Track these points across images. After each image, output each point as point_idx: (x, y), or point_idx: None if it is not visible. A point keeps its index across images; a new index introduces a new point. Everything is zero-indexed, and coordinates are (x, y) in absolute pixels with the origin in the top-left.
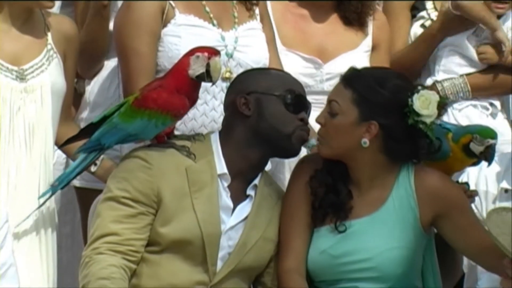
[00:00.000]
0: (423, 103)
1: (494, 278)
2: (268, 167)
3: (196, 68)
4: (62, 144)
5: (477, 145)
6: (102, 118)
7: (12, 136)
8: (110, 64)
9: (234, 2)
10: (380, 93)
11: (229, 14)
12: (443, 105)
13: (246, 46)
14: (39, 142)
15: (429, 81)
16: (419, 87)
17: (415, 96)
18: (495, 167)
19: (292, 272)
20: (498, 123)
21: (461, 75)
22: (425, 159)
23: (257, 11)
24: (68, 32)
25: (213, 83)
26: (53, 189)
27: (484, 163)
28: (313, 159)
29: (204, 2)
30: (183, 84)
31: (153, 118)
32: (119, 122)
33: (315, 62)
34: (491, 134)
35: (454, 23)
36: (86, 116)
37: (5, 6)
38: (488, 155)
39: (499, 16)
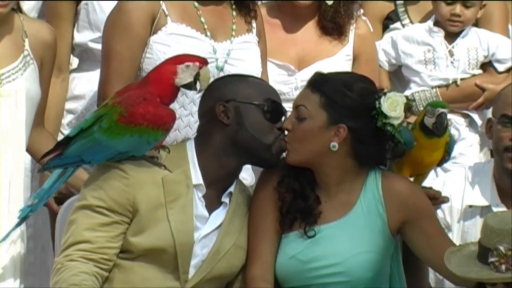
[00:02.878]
0: (391, 105)
1: None
2: (250, 180)
3: (183, 77)
4: (40, 158)
5: (430, 118)
6: (79, 130)
7: None
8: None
9: (234, 14)
10: (348, 96)
11: (227, 26)
12: (409, 107)
13: (239, 60)
14: (12, 147)
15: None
16: (386, 90)
17: (383, 99)
18: (459, 183)
19: (258, 279)
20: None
21: (433, 87)
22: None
23: (254, 24)
24: (46, 39)
25: (199, 92)
26: (32, 207)
27: (448, 176)
28: (279, 164)
29: (199, 12)
30: (167, 93)
31: (144, 135)
32: (105, 139)
33: (289, 69)
34: (441, 104)
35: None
36: (73, 107)
37: None
38: (439, 125)
39: (456, 34)
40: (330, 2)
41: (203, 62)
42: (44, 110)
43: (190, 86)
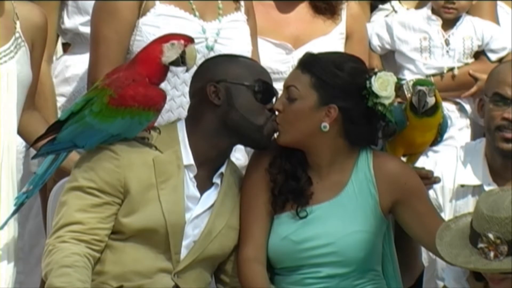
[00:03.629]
0: (381, 85)
1: (459, 275)
2: (243, 161)
3: (170, 55)
4: (33, 143)
5: (414, 96)
6: (70, 114)
7: None
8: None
9: None
10: (339, 76)
11: (214, 5)
12: (399, 87)
13: (228, 39)
14: (3, 129)
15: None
16: (376, 70)
17: (373, 78)
18: (451, 163)
19: (251, 260)
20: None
21: (427, 76)
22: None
23: (242, 2)
24: (37, 21)
25: (188, 70)
26: (28, 193)
27: (440, 156)
28: (271, 146)
29: None
30: (155, 72)
31: (136, 116)
32: (97, 122)
33: (286, 47)
34: (426, 82)
35: None
36: (65, 91)
37: None
38: (417, 102)
39: (451, 20)
40: None
41: (188, 40)
42: (34, 93)
43: (178, 64)
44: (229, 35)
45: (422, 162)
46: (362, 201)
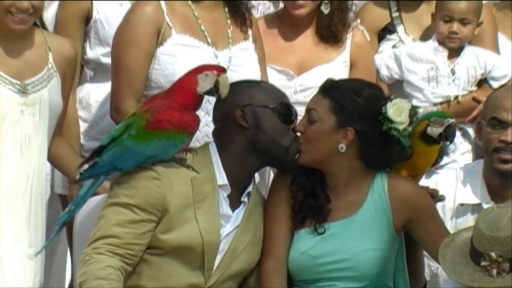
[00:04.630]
0: (396, 111)
1: None
2: (257, 179)
3: (204, 85)
4: (78, 167)
5: (436, 128)
6: (111, 139)
7: (9, 146)
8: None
9: (229, 22)
10: (356, 101)
11: (224, 34)
12: (414, 114)
13: (239, 66)
14: (34, 153)
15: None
16: (392, 96)
17: (389, 104)
18: (451, 183)
19: (272, 271)
20: (463, 145)
21: (435, 104)
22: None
23: (250, 32)
24: (68, 54)
25: (220, 97)
26: (69, 213)
27: (441, 177)
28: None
29: (199, 21)
30: (191, 101)
31: (171, 139)
32: (134, 145)
33: (288, 73)
34: (448, 114)
35: None
36: (87, 116)
37: (1, 25)
38: (449, 134)
39: (456, 51)
40: (326, 11)
41: (221, 70)
42: (63, 120)
43: (212, 93)
44: (239, 63)
45: (424, 182)
46: (376, 220)
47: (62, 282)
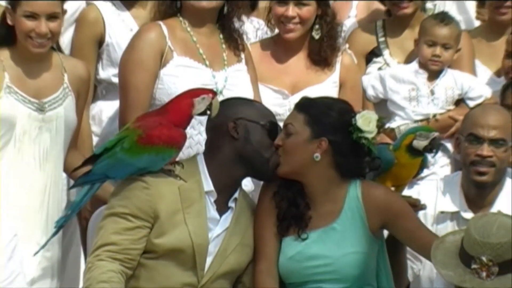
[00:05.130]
0: (365, 121)
1: None
2: (250, 187)
3: (199, 107)
4: (70, 172)
5: (422, 141)
6: (104, 149)
7: (28, 160)
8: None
9: (224, 46)
10: (329, 114)
11: (220, 57)
12: (381, 124)
13: (234, 85)
14: (51, 166)
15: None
16: (361, 109)
17: (358, 116)
18: (432, 192)
19: (265, 273)
20: (442, 159)
21: (415, 121)
22: (375, 173)
23: (242, 55)
24: (82, 74)
25: (210, 117)
26: (66, 217)
27: (423, 188)
28: (274, 179)
29: (198, 46)
30: (184, 122)
31: (160, 153)
32: (126, 157)
33: (283, 93)
34: (432, 129)
35: None
36: (99, 131)
37: (20, 48)
38: (434, 146)
39: (435, 73)
40: (316, 37)
41: (214, 93)
42: (77, 135)
43: (204, 113)
44: (234, 82)
45: (407, 192)
46: (354, 226)
47: (75, 283)
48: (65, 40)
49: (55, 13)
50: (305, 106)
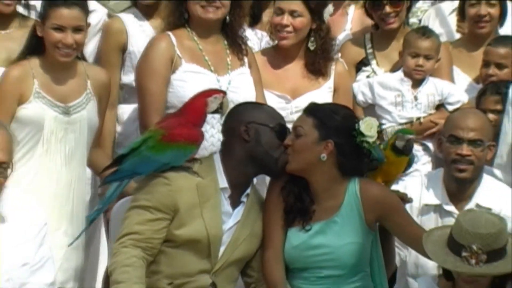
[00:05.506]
0: (367, 127)
1: (431, 284)
2: (255, 182)
3: (212, 106)
4: (100, 172)
5: (400, 141)
6: (130, 149)
7: (55, 160)
8: None
9: (228, 52)
10: (335, 119)
11: (224, 62)
12: (381, 130)
13: (237, 87)
14: (76, 163)
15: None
16: (363, 116)
17: (361, 121)
18: (417, 187)
19: (272, 260)
20: (424, 157)
21: (400, 124)
22: (368, 170)
23: (245, 59)
24: (103, 80)
25: (222, 115)
26: (98, 211)
27: (408, 183)
28: (283, 175)
29: (203, 53)
30: (200, 119)
31: (182, 149)
32: (152, 154)
33: (285, 98)
34: (409, 131)
35: None
36: (121, 130)
37: (48, 57)
38: (408, 147)
39: (418, 81)
40: (312, 48)
41: (225, 93)
42: (99, 135)
43: (216, 111)
44: (237, 85)
45: (395, 187)
46: (352, 220)
47: (96, 270)
48: (89, 49)
49: (80, 26)
50: (314, 110)
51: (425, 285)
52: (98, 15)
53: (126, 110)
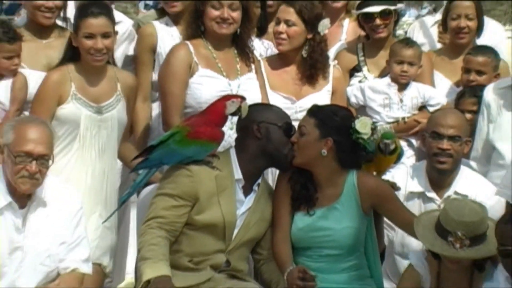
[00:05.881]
0: (362, 125)
1: (420, 256)
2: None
3: (231, 109)
4: (131, 160)
5: (381, 144)
6: (159, 142)
7: (90, 153)
8: None
9: (237, 59)
10: (334, 119)
11: (234, 68)
12: (374, 128)
13: (246, 90)
14: (108, 156)
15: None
16: (359, 116)
17: (357, 121)
18: (403, 177)
19: (280, 240)
20: (409, 151)
21: (388, 123)
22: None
23: (252, 66)
24: (131, 84)
25: (241, 117)
26: (128, 195)
27: (396, 173)
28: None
29: (217, 60)
30: (220, 120)
31: (204, 146)
32: (177, 148)
33: (291, 99)
34: (386, 136)
35: None
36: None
37: (83, 63)
38: (386, 149)
39: (404, 85)
40: (305, 55)
41: (243, 99)
42: (128, 130)
43: (236, 114)
44: (246, 88)
45: (384, 177)
46: (350, 206)
47: (126, 248)
48: (117, 55)
49: (107, 32)
50: (315, 112)
51: (415, 258)
52: (125, 25)
53: (155, 107)
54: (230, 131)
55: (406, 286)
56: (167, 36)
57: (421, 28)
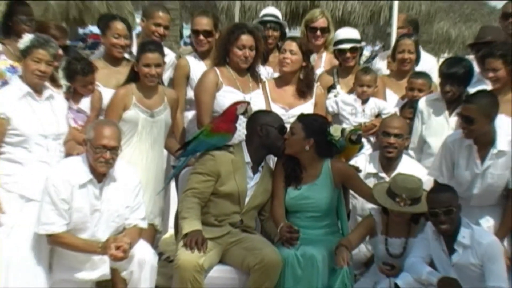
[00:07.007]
0: (335, 130)
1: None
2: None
3: (240, 110)
4: (175, 151)
5: (353, 136)
6: (193, 138)
7: (145, 144)
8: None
9: (250, 79)
10: (315, 125)
11: (248, 86)
12: (342, 132)
13: (255, 101)
14: (158, 147)
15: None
16: (332, 123)
17: (331, 127)
18: (363, 161)
19: (277, 206)
20: (367, 145)
21: (354, 125)
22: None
23: (260, 85)
24: (174, 97)
25: (247, 117)
26: (172, 174)
27: (358, 160)
28: (284, 155)
29: (236, 80)
30: (233, 118)
31: (223, 136)
32: (205, 139)
33: (285, 108)
34: (358, 130)
35: None
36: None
37: (141, 82)
38: (358, 139)
39: (365, 100)
40: (301, 77)
41: (248, 103)
42: (171, 130)
43: (243, 114)
44: (255, 100)
45: (351, 162)
46: (326, 183)
47: (169, 211)
48: (165, 78)
49: (159, 63)
50: (302, 118)
51: (374, 213)
52: (170, 57)
53: (188, 115)
54: (242, 130)
55: (365, 224)
56: (197, 66)
57: (380, 59)
